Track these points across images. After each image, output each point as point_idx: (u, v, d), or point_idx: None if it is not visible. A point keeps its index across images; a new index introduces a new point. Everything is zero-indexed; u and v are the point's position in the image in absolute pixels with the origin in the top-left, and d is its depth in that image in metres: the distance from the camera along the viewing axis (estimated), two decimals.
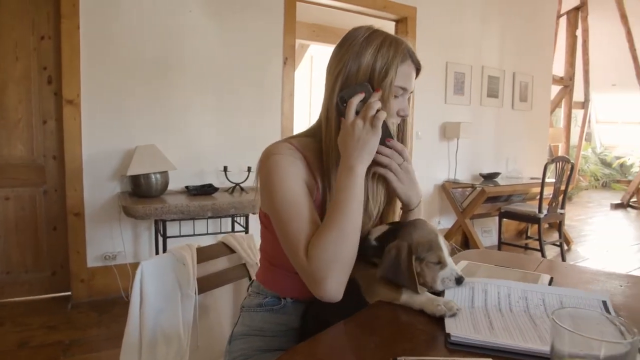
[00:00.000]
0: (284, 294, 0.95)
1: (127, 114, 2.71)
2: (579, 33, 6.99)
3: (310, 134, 0.95)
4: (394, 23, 3.88)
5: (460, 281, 0.81)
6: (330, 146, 0.88)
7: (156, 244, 2.74)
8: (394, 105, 0.88)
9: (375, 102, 0.83)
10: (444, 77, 4.12)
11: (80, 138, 2.60)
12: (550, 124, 5.69)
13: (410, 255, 0.79)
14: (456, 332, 0.67)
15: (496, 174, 4.28)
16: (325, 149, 0.89)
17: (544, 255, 3.72)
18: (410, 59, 0.89)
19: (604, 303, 0.79)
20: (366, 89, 0.84)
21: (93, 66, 2.60)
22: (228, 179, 2.91)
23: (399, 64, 0.86)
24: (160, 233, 2.55)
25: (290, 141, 0.91)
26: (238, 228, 2.91)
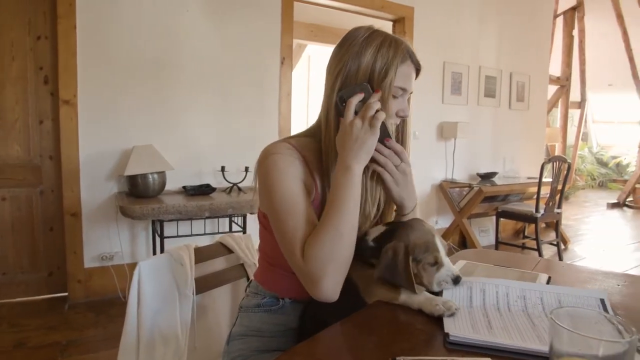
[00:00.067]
0: (283, 294, 0.95)
1: (124, 114, 2.70)
2: (576, 33, 7.02)
3: (310, 134, 0.95)
4: (391, 23, 3.88)
5: (457, 281, 0.81)
6: (329, 146, 0.88)
7: (153, 244, 2.73)
8: (393, 106, 0.88)
9: (374, 103, 0.82)
10: (441, 77, 4.12)
11: (77, 138, 2.59)
12: (547, 123, 5.71)
13: (407, 257, 0.79)
14: (455, 332, 0.67)
15: (493, 174, 4.29)
16: (324, 149, 0.89)
17: (541, 255, 3.74)
18: (410, 59, 0.88)
19: (601, 301, 0.79)
20: (366, 90, 0.84)
21: (90, 66, 2.59)
22: (225, 179, 2.90)
23: (399, 64, 0.86)
24: (158, 233, 2.54)
25: (289, 141, 0.91)
26: (236, 228, 2.91)
